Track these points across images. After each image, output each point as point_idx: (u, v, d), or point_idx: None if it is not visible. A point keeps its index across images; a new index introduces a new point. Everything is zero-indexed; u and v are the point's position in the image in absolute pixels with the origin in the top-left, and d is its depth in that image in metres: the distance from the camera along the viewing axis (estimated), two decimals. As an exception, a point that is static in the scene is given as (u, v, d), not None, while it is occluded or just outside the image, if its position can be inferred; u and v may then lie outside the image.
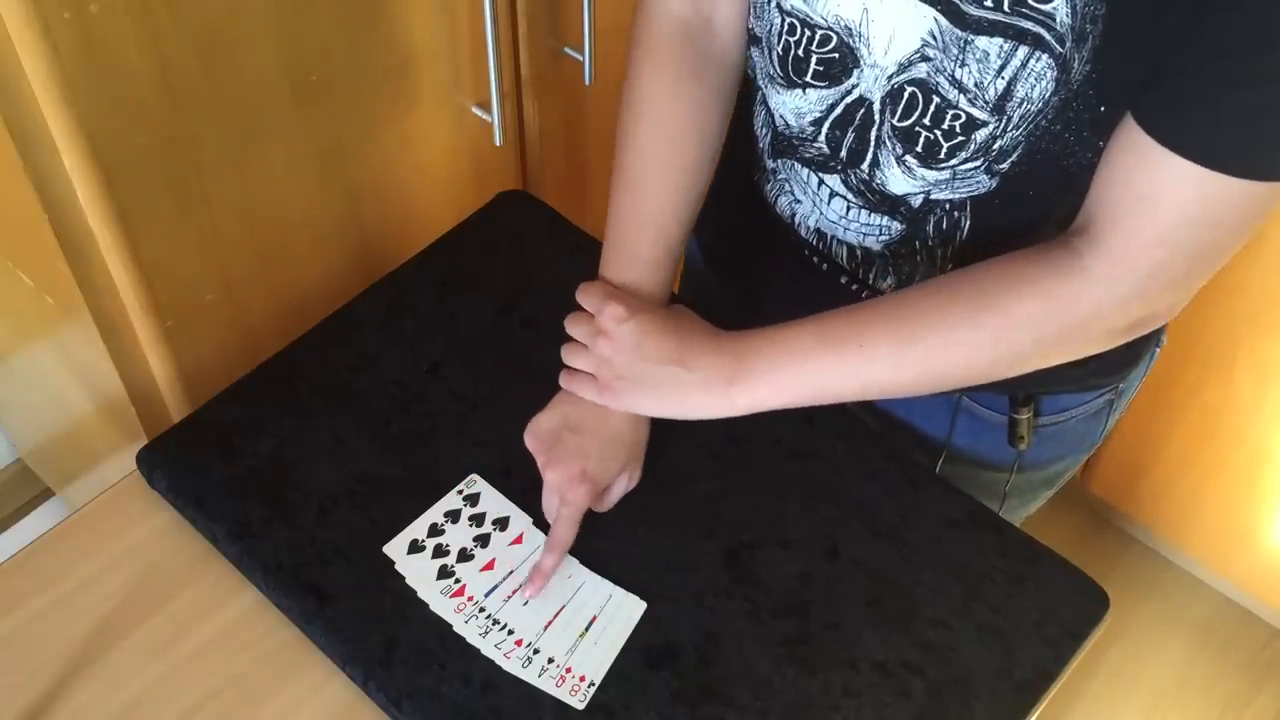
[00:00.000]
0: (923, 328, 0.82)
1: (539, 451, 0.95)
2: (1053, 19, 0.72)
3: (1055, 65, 0.74)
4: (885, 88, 0.82)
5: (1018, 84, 0.76)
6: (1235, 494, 1.74)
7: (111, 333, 1.11)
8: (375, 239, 1.28)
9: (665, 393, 0.90)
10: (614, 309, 0.91)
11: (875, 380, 0.85)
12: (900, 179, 0.86)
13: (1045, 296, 0.79)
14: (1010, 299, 0.79)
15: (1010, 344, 0.81)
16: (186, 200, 1.06)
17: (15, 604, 0.92)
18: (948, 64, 0.77)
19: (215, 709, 0.88)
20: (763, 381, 0.86)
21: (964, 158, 0.82)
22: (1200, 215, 0.73)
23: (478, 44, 1.24)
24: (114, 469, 1.31)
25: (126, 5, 0.90)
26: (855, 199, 0.91)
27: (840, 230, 0.94)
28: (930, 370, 0.83)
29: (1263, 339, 1.56)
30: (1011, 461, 1.05)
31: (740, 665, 0.89)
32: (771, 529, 0.97)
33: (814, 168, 0.92)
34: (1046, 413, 1.01)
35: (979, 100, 0.78)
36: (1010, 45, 0.74)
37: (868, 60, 0.81)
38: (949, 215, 0.87)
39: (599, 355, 0.92)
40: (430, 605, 0.90)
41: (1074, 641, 0.92)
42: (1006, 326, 0.80)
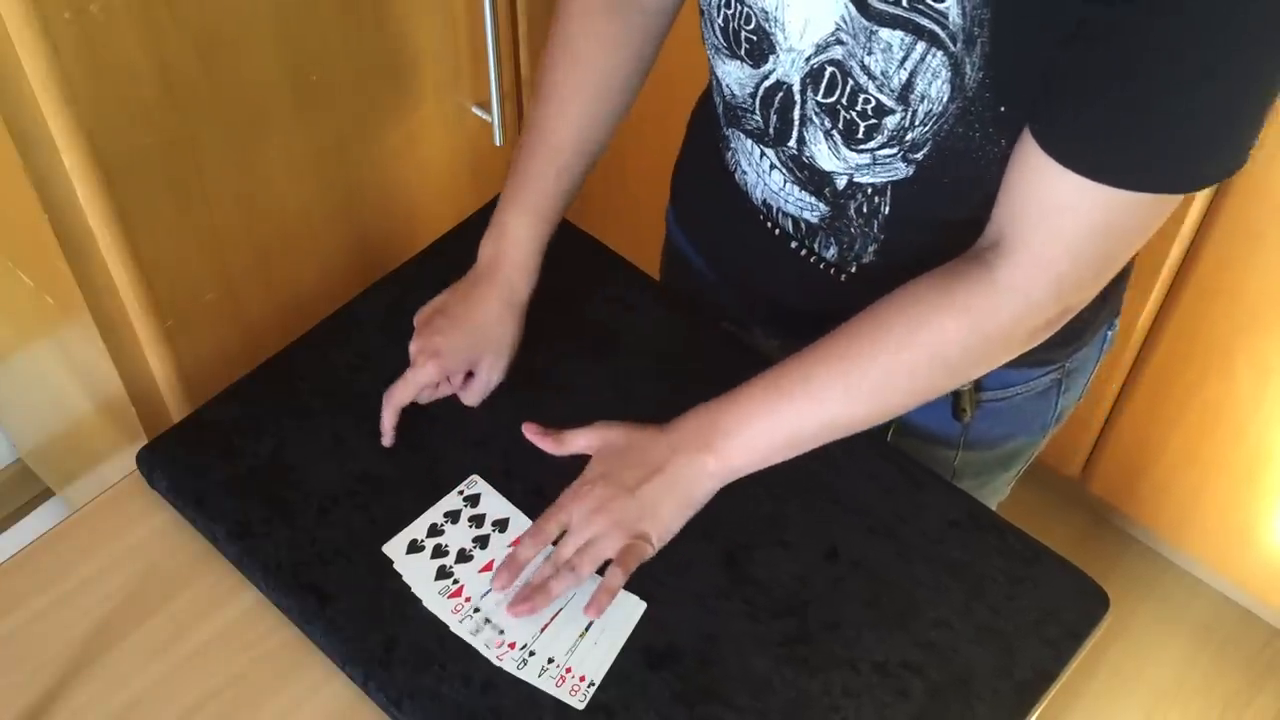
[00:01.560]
0: (864, 362, 0.86)
1: (416, 325, 1.01)
2: (946, 17, 0.74)
3: (949, 65, 0.76)
4: (804, 69, 0.84)
5: (918, 77, 0.78)
6: (1235, 493, 1.74)
7: (111, 333, 1.11)
8: (375, 239, 1.28)
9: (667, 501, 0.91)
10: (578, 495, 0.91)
11: (833, 420, 0.89)
12: (827, 156, 0.88)
13: (968, 313, 0.83)
14: (937, 321, 0.84)
15: (946, 360, 0.85)
16: (186, 200, 1.06)
17: (15, 604, 0.92)
18: (857, 50, 0.80)
19: (215, 709, 0.88)
20: (732, 443, 0.90)
21: (880, 142, 0.84)
22: (1100, 227, 0.77)
23: (478, 44, 1.24)
24: (114, 469, 1.31)
25: (126, 5, 0.90)
26: (788, 174, 0.93)
27: (781, 202, 0.97)
28: (881, 400, 0.88)
29: (1263, 338, 1.56)
30: (958, 436, 1.06)
31: (740, 665, 0.89)
32: (770, 529, 0.97)
33: (755, 139, 0.94)
34: (990, 387, 1.02)
35: (885, 88, 0.80)
36: (910, 39, 0.77)
37: (783, 45, 0.84)
38: (870, 200, 0.90)
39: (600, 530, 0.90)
40: (426, 604, 0.90)
41: (1074, 641, 0.92)
42: (939, 345, 0.85)
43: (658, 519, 0.91)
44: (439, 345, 0.99)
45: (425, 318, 1.02)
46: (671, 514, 0.92)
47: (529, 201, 1.00)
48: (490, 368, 1.01)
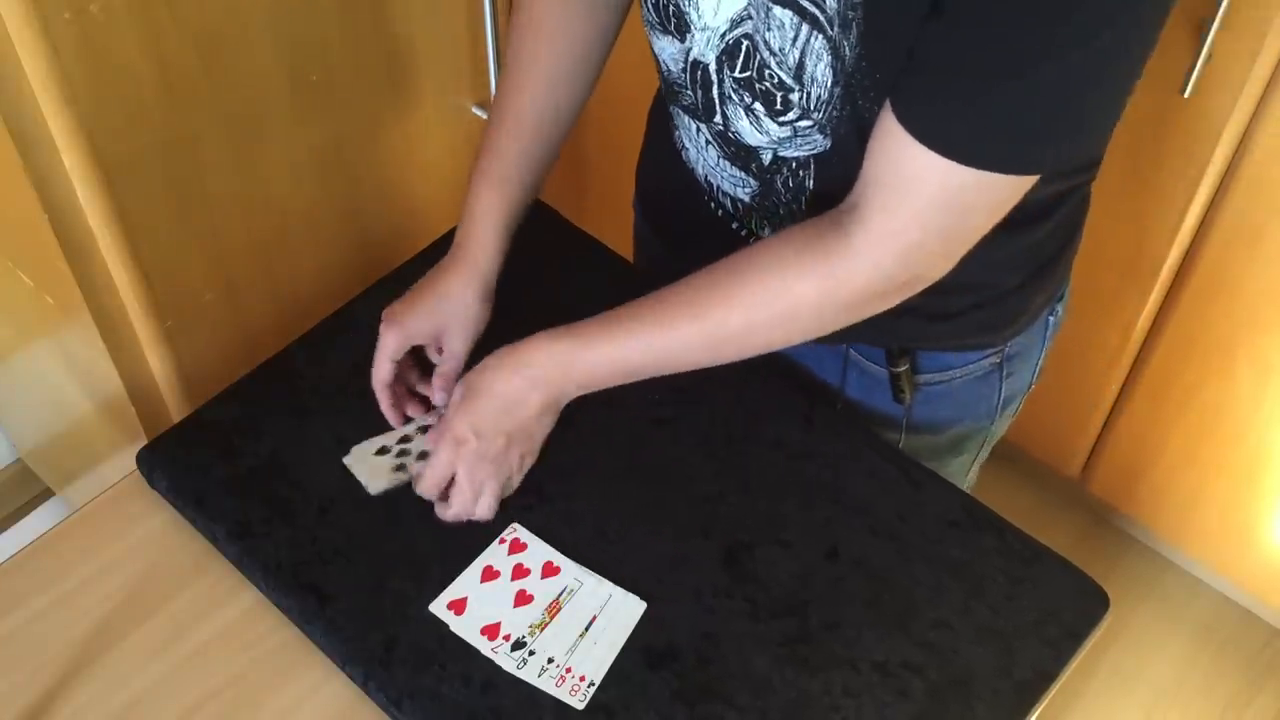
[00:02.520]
0: (721, 313, 0.88)
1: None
2: (823, 3, 0.76)
3: (829, 49, 0.78)
4: (719, 46, 0.85)
5: (807, 57, 0.80)
6: (1235, 493, 1.74)
7: (111, 333, 1.11)
8: (375, 238, 1.28)
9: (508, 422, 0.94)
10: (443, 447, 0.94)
11: (680, 360, 0.91)
12: (750, 130, 0.90)
13: (820, 276, 0.85)
14: (794, 284, 0.85)
15: (798, 318, 0.87)
16: (186, 200, 1.06)
17: (15, 604, 0.92)
18: (760, 27, 0.81)
19: (215, 709, 0.88)
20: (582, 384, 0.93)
21: (796, 115, 0.86)
22: (949, 202, 0.79)
23: (478, 44, 1.24)
24: (114, 469, 1.31)
25: (126, 5, 0.90)
26: (720, 149, 0.94)
27: (718, 178, 0.98)
28: (733, 349, 0.90)
29: (1263, 338, 1.56)
30: (900, 418, 1.07)
31: (740, 665, 0.89)
32: (771, 529, 0.97)
33: (691, 115, 0.95)
34: (928, 370, 1.03)
35: (783, 65, 0.82)
36: (797, 20, 0.78)
37: (698, 24, 0.85)
38: (794, 174, 0.91)
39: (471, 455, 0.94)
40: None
41: (1074, 641, 0.92)
42: (794, 306, 0.86)
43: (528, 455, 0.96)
44: (399, 312, 1.00)
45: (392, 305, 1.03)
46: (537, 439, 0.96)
47: (491, 175, 1.01)
48: (456, 338, 1.01)
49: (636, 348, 0.90)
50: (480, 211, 1.01)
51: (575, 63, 1.00)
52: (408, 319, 1.00)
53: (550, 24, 0.99)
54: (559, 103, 1.01)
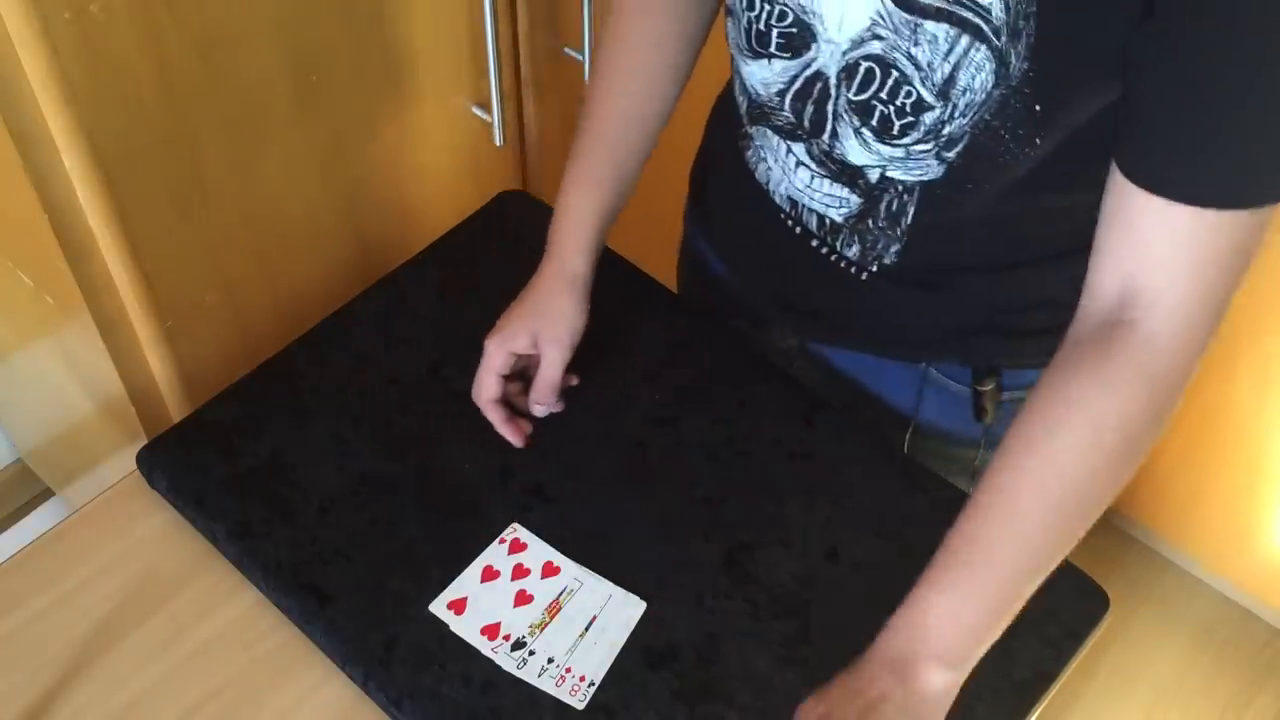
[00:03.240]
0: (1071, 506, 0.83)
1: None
2: (989, 12, 0.74)
3: (993, 58, 0.76)
4: (841, 62, 0.84)
5: (960, 70, 0.78)
6: (1235, 494, 1.74)
7: (111, 333, 1.11)
8: (375, 239, 1.28)
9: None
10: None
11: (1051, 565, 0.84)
12: (858, 150, 0.88)
13: (1143, 379, 0.81)
14: (1113, 406, 0.81)
15: (1135, 435, 0.82)
16: (186, 200, 1.06)
17: (15, 604, 0.92)
18: (902, 43, 0.80)
19: (215, 709, 0.88)
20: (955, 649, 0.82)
21: (916, 138, 0.84)
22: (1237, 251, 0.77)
23: (478, 44, 1.24)
24: (114, 469, 1.31)
25: (126, 5, 0.90)
26: (818, 169, 0.93)
27: (806, 199, 0.96)
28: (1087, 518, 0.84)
29: (1263, 339, 1.56)
30: (979, 437, 1.05)
31: (740, 665, 0.89)
32: (771, 529, 0.97)
33: (783, 135, 0.94)
34: (1010, 386, 1.02)
35: (928, 81, 0.80)
36: (955, 32, 0.77)
37: (824, 36, 0.84)
38: (899, 198, 0.90)
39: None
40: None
41: (1074, 641, 0.92)
42: (1125, 427, 0.82)
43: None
44: (499, 325, 1.00)
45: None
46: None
47: (581, 180, 1.01)
48: (553, 346, 1.00)
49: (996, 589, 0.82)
50: (571, 217, 1.01)
51: (663, 69, 1.00)
52: (507, 331, 0.99)
53: (639, 33, 0.99)
54: (647, 109, 1.01)
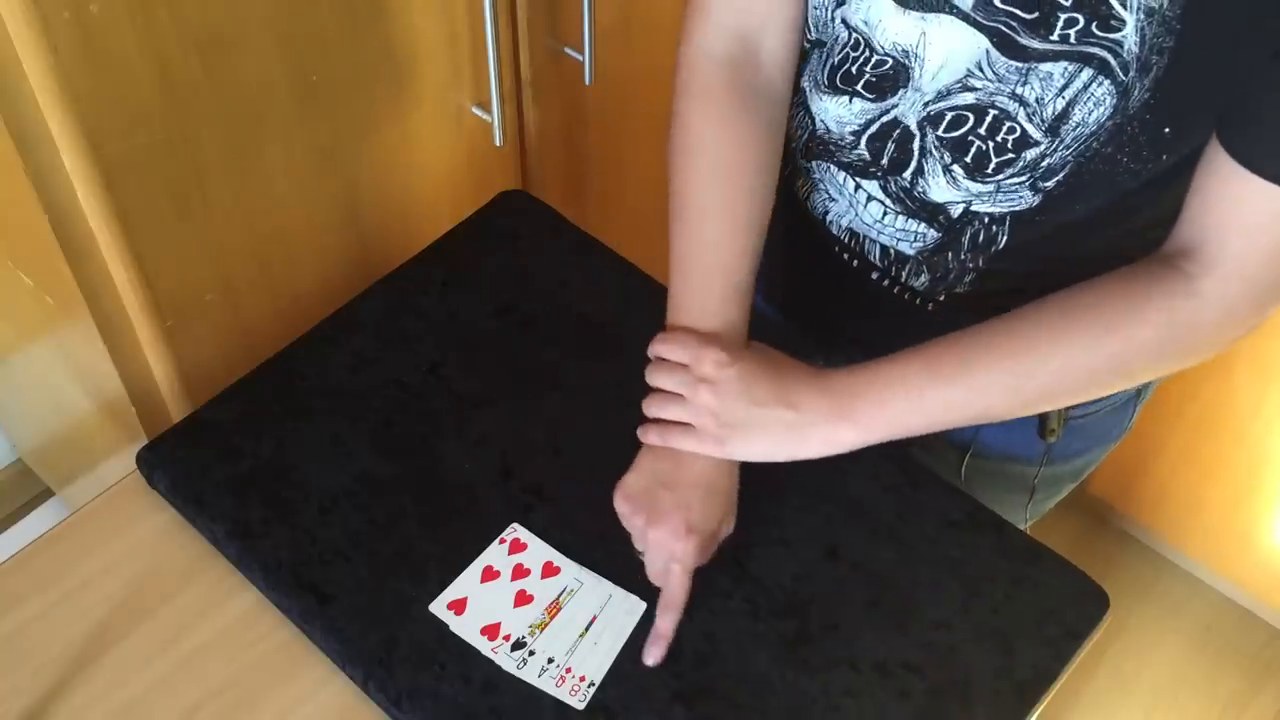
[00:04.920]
0: (1041, 354, 0.83)
1: (635, 513, 0.90)
2: (1120, 46, 0.73)
3: (1116, 92, 0.75)
4: (922, 113, 0.83)
5: (1076, 106, 0.77)
6: (1235, 494, 1.74)
7: (111, 333, 1.11)
8: (375, 239, 1.28)
9: (773, 436, 0.88)
10: (714, 354, 0.88)
11: (991, 408, 0.85)
12: (944, 188, 0.87)
13: (1168, 321, 0.80)
14: (1133, 324, 0.81)
15: (1131, 363, 0.83)
16: (186, 200, 1.06)
17: (15, 604, 0.92)
18: (1005, 87, 0.78)
19: (215, 709, 0.88)
20: (875, 417, 0.86)
21: (1011, 173, 0.83)
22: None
23: (478, 44, 1.24)
24: (114, 469, 1.31)
25: (126, 5, 0.90)
26: (893, 205, 0.91)
27: (874, 232, 0.94)
28: (1047, 394, 0.85)
29: (1262, 339, 1.56)
30: (1041, 455, 1.05)
31: (740, 665, 0.89)
32: (771, 529, 0.97)
33: (851, 172, 0.91)
34: (1077, 405, 1.01)
35: (1036, 116, 0.78)
36: (1075, 68, 0.75)
37: (915, 83, 0.82)
38: (987, 229, 0.88)
39: (701, 404, 0.88)
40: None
41: (1074, 641, 0.92)
42: (1129, 349, 0.82)
43: (749, 441, 0.88)
44: (690, 520, 0.89)
45: (646, 500, 0.90)
46: (762, 450, 0.88)
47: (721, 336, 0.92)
48: (729, 523, 0.93)
49: (938, 394, 0.84)
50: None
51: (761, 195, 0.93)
52: (702, 525, 0.89)
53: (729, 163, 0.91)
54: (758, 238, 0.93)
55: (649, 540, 0.90)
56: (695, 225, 0.92)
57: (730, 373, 0.88)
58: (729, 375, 0.88)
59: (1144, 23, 0.71)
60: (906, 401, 0.85)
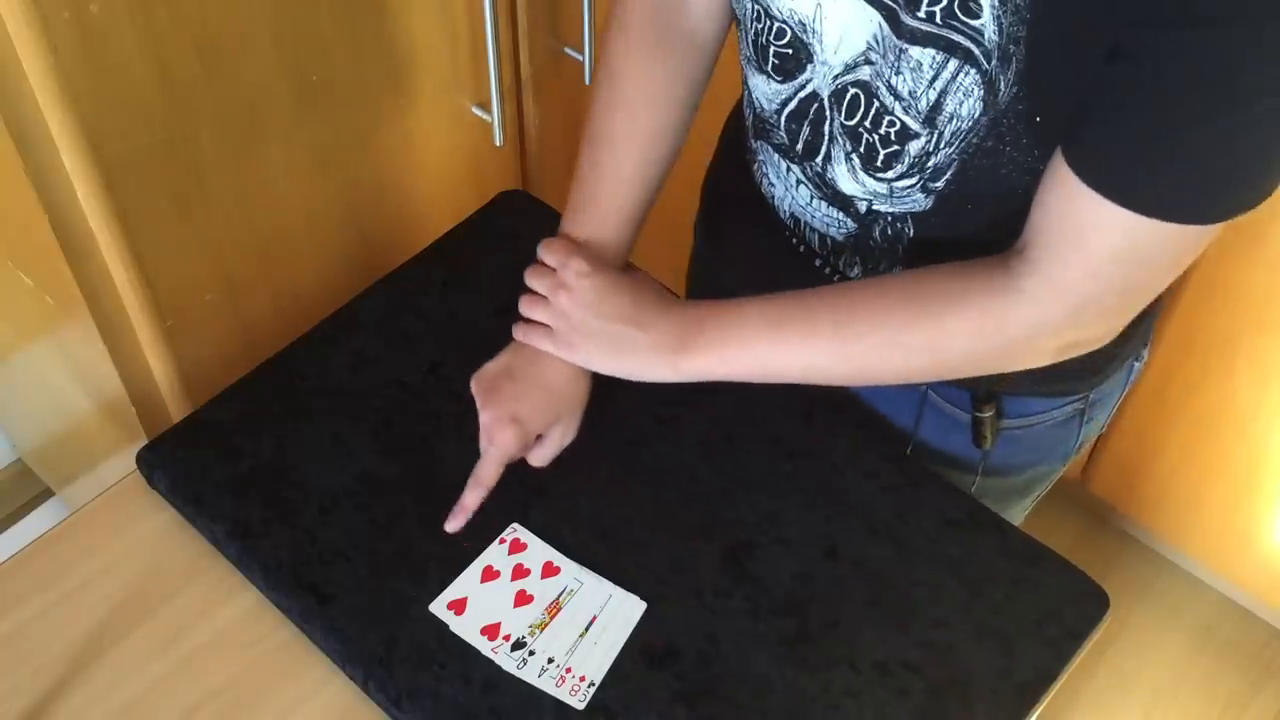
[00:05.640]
0: (864, 325, 0.85)
1: (478, 394, 0.97)
2: (981, 34, 0.73)
3: (982, 83, 0.75)
4: (831, 86, 0.84)
5: (947, 97, 0.77)
6: (1235, 494, 1.74)
7: (111, 333, 1.11)
8: (375, 239, 1.28)
9: (617, 350, 0.93)
10: (577, 264, 0.94)
11: (816, 367, 0.89)
12: (847, 178, 0.88)
13: (980, 314, 0.82)
14: (947, 312, 0.83)
15: (944, 353, 0.85)
16: (186, 200, 1.06)
17: (15, 604, 0.93)
18: (885, 70, 0.79)
19: (215, 709, 0.88)
20: (709, 352, 0.90)
21: (900, 171, 0.84)
22: (1129, 254, 0.76)
23: (478, 44, 1.24)
24: (114, 469, 1.31)
25: (126, 5, 0.90)
26: (815, 191, 0.93)
27: (808, 216, 0.96)
28: (869, 366, 0.88)
29: (1263, 339, 1.56)
30: (977, 462, 1.05)
31: (740, 665, 0.89)
32: (771, 528, 0.97)
33: (781, 154, 0.94)
34: (1012, 415, 1.01)
35: (912, 109, 0.79)
36: (942, 57, 0.76)
37: (820, 57, 0.83)
38: (892, 225, 0.90)
39: (557, 308, 0.94)
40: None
41: (1074, 641, 0.92)
42: (940, 336, 0.84)
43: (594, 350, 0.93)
44: (516, 411, 0.94)
45: (488, 383, 0.96)
46: (604, 362, 0.94)
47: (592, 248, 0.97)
48: (566, 428, 0.98)
49: (770, 342, 0.88)
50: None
51: (668, 133, 0.98)
52: (525, 416, 0.94)
53: (640, 96, 0.96)
54: (657, 174, 0.99)
55: (480, 420, 0.95)
56: (594, 147, 0.98)
57: (587, 283, 0.93)
58: (585, 285, 0.93)
59: (999, 10, 0.71)
60: (742, 342, 0.89)
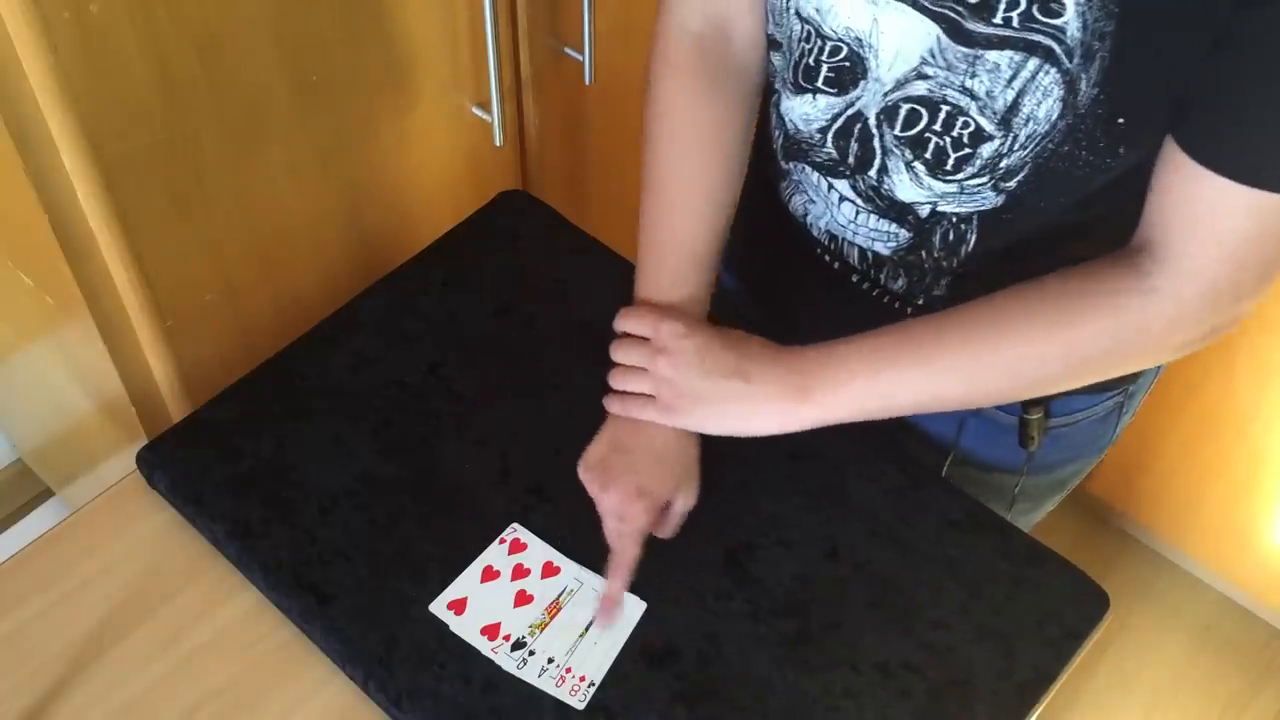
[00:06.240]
0: (993, 343, 0.83)
1: (591, 478, 0.92)
2: (1063, 32, 0.73)
3: (1063, 83, 0.75)
4: (880, 104, 0.83)
5: (1025, 97, 0.76)
6: (1235, 494, 1.74)
7: (111, 333, 1.11)
8: (375, 239, 1.28)
9: (730, 408, 0.89)
10: (670, 326, 0.90)
11: (946, 393, 0.86)
12: (908, 186, 0.87)
13: (1117, 315, 0.80)
14: (1081, 319, 0.81)
15: (1083, 358, 0.83)
16: (186, 200, 1.06)
17: (15, 604, 0.92)
18: (955, 78, 0.78)
19: (215, 709, 0.88)
20: (832, 394, 0.86)
21: (971, 172, 0.83)
22: (1259, 232, 0.74)
23: (478, 44, 1.24)
24: (114, 469, 1.31)
25: (126, 5, 0.90)
26: (864, 204, 0.91)
27: (850, 233, 0.94)
28: (1001, 384, 0.85)
29: (1263, 339, 1.56)
30: (1021, 463, 1.05)
31: (740, 665, 0.89)
32: (771, 529, 0.97)
33: (824, 172, 0.92)
34: (1057, 414, 1.01)
35: (988, 110, 0.78)
36: (1021, 57, 0.75)
37: (874, 73, 0.82)
38: (955, 228, 0.88)
39: (659, 375, 0.90)
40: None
41: (1074, 642, 0.92)
42: (1079, 342, 0.82)
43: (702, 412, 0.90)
44: (640, 484, 0.91)
45: (597, 463, 0.93)
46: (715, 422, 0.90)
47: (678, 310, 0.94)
48: (687, 494, 0.94)
49: (893, 377, 0.85)
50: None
51: (731, 174, 0.96)
52: (650, 488, 0.91)
53: (698, 143, 0.94)
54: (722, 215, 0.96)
55: (601, 504, 0.92)
56: (660, 197, 0.95)
57: (686, 344, 0.90)
58: (685, 346, 0.90)
59: (1084, 7, 0.71)
60: (866, 379, 0.86)
